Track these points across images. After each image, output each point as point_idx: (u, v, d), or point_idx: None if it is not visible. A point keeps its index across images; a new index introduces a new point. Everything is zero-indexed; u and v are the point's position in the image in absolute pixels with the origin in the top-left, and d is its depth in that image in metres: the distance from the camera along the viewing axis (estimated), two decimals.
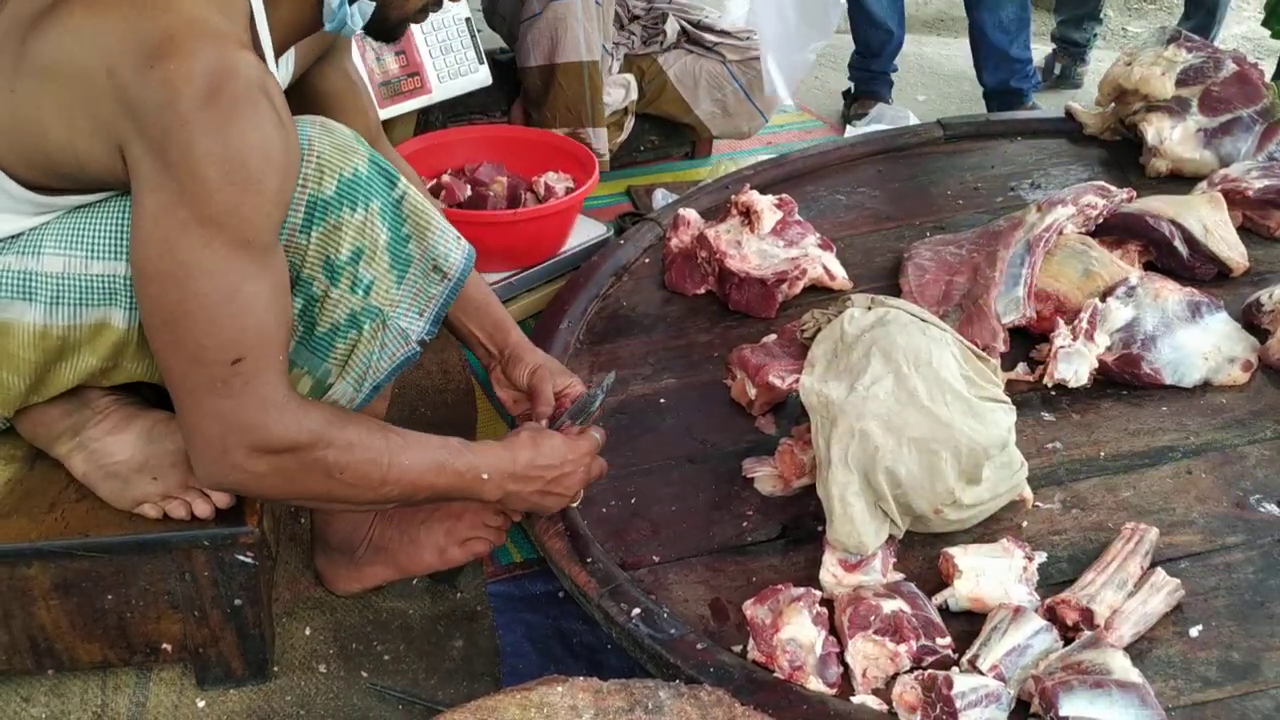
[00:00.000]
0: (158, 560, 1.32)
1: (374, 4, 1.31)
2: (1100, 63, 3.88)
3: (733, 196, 2.03)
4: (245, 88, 1.11)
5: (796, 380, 1.48)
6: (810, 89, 3.60)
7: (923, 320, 1.45)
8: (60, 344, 1.27)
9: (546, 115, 2.49)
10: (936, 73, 3.83)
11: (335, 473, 1.21)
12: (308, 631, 1.53)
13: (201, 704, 1.42)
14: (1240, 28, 4.51)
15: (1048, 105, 3.51)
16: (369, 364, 1.34)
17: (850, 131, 2.88)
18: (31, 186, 1.21)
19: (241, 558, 1.33)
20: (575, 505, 1.49)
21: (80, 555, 1.29)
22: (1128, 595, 1.30)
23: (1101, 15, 3.77)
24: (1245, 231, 2.01)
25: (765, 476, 1.57)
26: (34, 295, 1.24)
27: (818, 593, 1.33)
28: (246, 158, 1.11)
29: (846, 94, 3.40)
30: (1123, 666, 1.17)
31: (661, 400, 1.78)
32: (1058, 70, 3.73)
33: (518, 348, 1.62)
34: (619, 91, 2.66)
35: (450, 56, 2.30)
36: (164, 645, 1.38)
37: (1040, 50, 3.85)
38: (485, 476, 1.34)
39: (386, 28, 1.38)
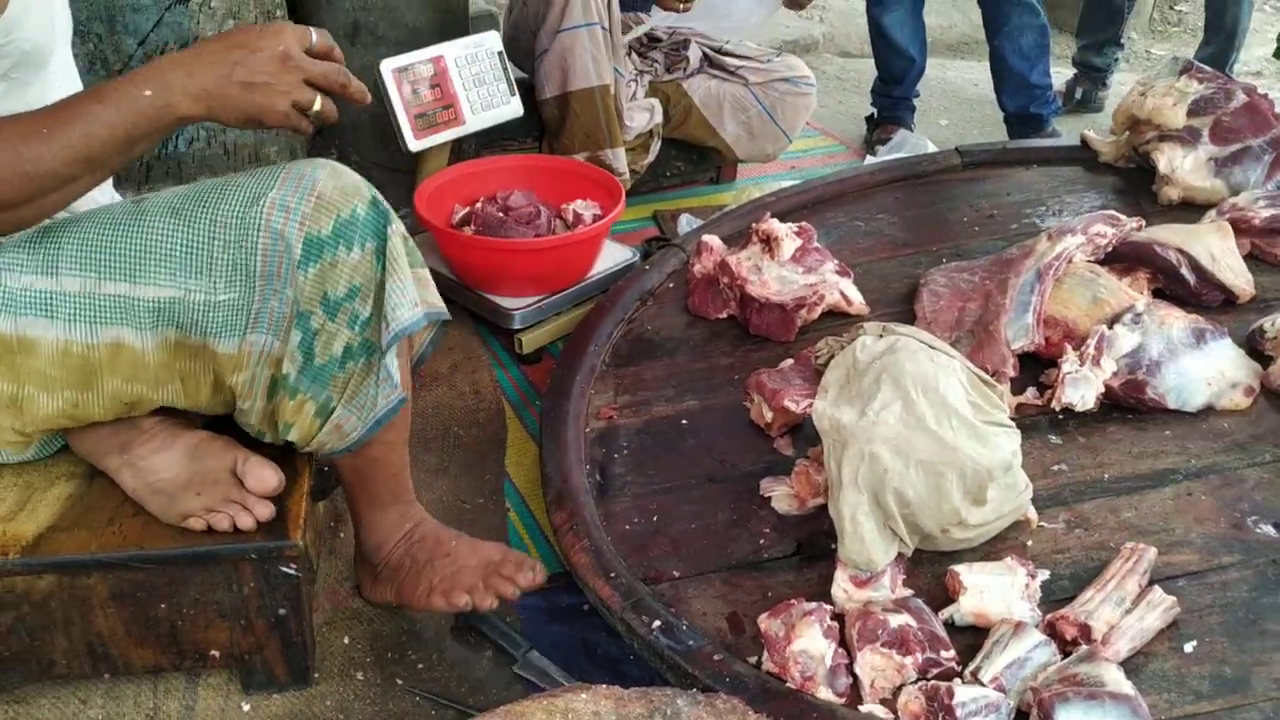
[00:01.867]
0: (207, 572, 1.41)
1: None
2: (1122, 85, 3.94)
3: (754, 225, 2.11)
4: None
5: (811, 404, 1.56)
6: (834, 113, 3.68)
7: (932, 348, 1.52)
8: (82, 363, 1.33)
9: (565, 142, 2.59)
10: (959, 97, 3.90)
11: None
12: (346, 640, 1.61)
13: (246, 708, 1.50)
14: (1262, 50, 4.54)
15: (1068, 129, 3.56)
16: (369, 398, 1.39)
17: (871, 159, 2.95)
18: None
19: (285, 569, 1.42)
20: (310, 127, 1.32)
21: (136, 566, 1.38)
22: (1125, 612, 1.36)
23: (1123, 40, 3.82)
24: (1253, 259, 2.07)
25: (782, 496, 1.64)
26: (54, 313, 1.30)
27: (829, 607, 1.40)
28: None
29: (869, 119, 3.47)
30: (1116, 679, 1.24)
31: (683, 421, 1.85)
32: (1079, 95, 3.78)
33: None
34: (643, 115, 2.74)
35: (484, 89, 2.39)
36: (212, 652, 1.46)
37: (1062, 74, 3.91)
38: (148, 93, 1.23)
39: None
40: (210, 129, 2.32)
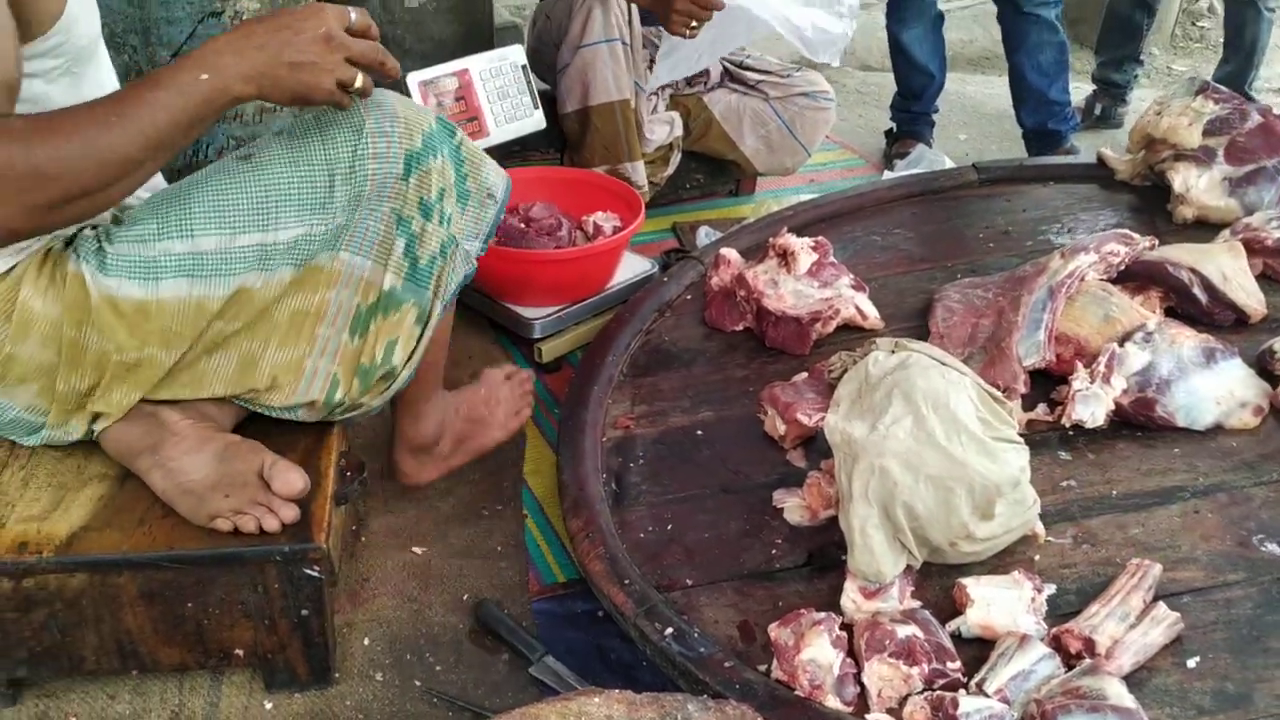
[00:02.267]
0: (234, 573, 1.45)
1: None
2: (1142, 102, 3.95)
3: (771, 239, 2.14)
4: None
5: (823, 418, 1.59)
6: (853, 127, 3.71)
7: (943, 364, 1.55)
8: (205, 314, 1.45)
9: (585, 156, 2.63)
10: (979, 111, 3.92)
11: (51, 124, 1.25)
12: (366, 642, 1.65)
13: (269, 706, 1.54)
14: None
15: (1087, 145, 3.58)
16: (450, 284, 1.61)
17: (888, 174, 2.97)
18: None
19: (309, 572, 1.46)
20: (350, 102, 1.42)
21: (165, 566, 1.42)
22: (1129, 627, 1.38)
23: (1142, 57, 3.83)
24: (1265, 279, 2.09)
25: (794, 507, 1.67)
26: (194, 272, 1.42)
27: (838, 617, 1.43)
28: None
29: (888, 133, 3.50)
30: (1118, 692, 1.26)
31: (699, 432, 1.88)
32: (1098, 110, 3.80)
33: None
34: (663, 128, 2.78)
35: (507, 102, 2.43)
36: (236, 650, 1.50)
37: (1082, 90, 3.92)
38: (204, 77, 1.31)
39: None
40: (239, 138, 2.37)
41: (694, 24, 2.53)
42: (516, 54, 2.49)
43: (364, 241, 1.51)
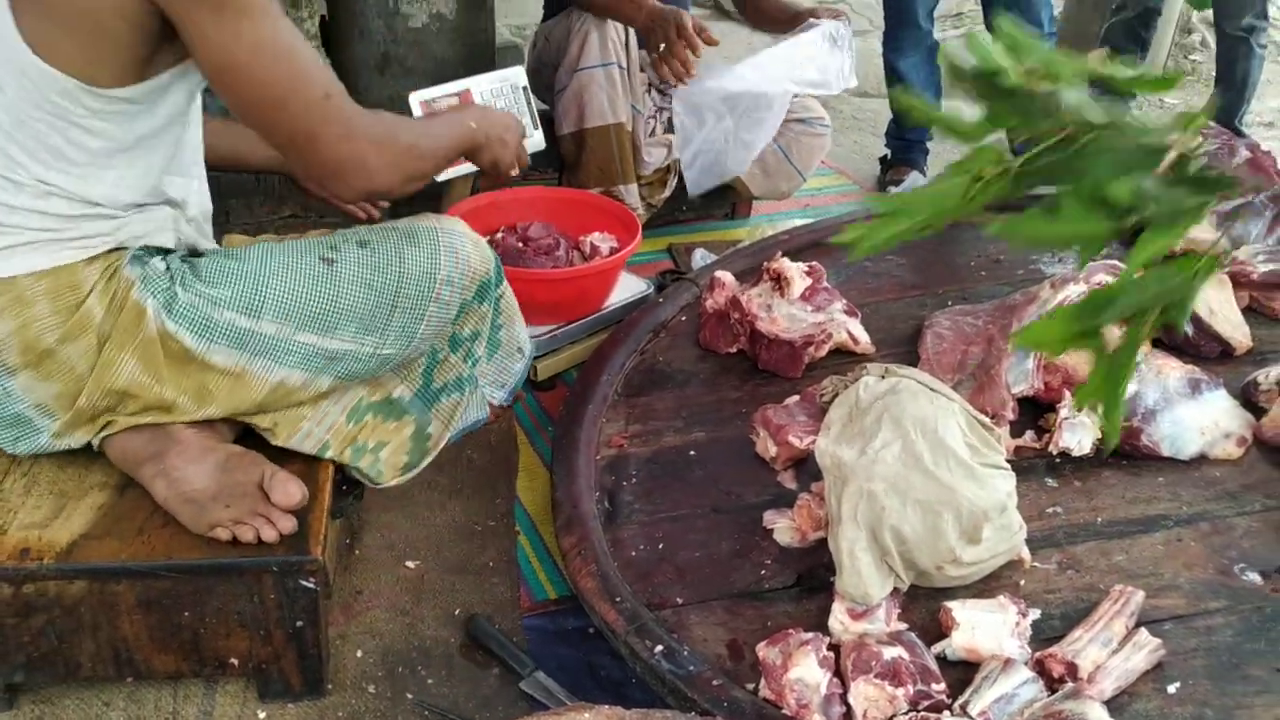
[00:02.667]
0: (230, 583, 1.47)
1: None
2: None
3: (765, 263, 2.17)
4: None
5: (814, 441, 1.61)
6: (849, 153, 3.75)
7: (932, 390, 1.58)
8: (243, 387, 1.54)
9: (581, 177, 2.67)
10: None
11: (411, 141, 1.55)
12: (359, 654, 1.67)
13: (262, 715, 1.56)
14: (1275, 101, 4.61)
15: None
16: (461, 421, 1.76)
17: None
18: (113, 84, 1.39)
19: (305, 583, 1.48)
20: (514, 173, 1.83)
21: (163, 575, 1.45)
22: (1112, 652, 1.41)
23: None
24: (1251, 312, 2.12)
25: (784, 528, 1.69)
26: (245, 346, 1.51)
27: (826, 638, 1.45)
28: None
29: (883, 160, 3.54)
30: (1099, 717, 1.28)
31: (691, 452, 1.91)
32: None
33: None
34: (660, 151, 2.81)
35: None
36: (231, 660, 1.52)
37: None
38: (473, 125, 1.70)
39: None
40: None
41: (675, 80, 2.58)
42: (517, 75, 2.52)
43: (402, 360, 1.67)
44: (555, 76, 2.66)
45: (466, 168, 2.40)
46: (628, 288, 2.46)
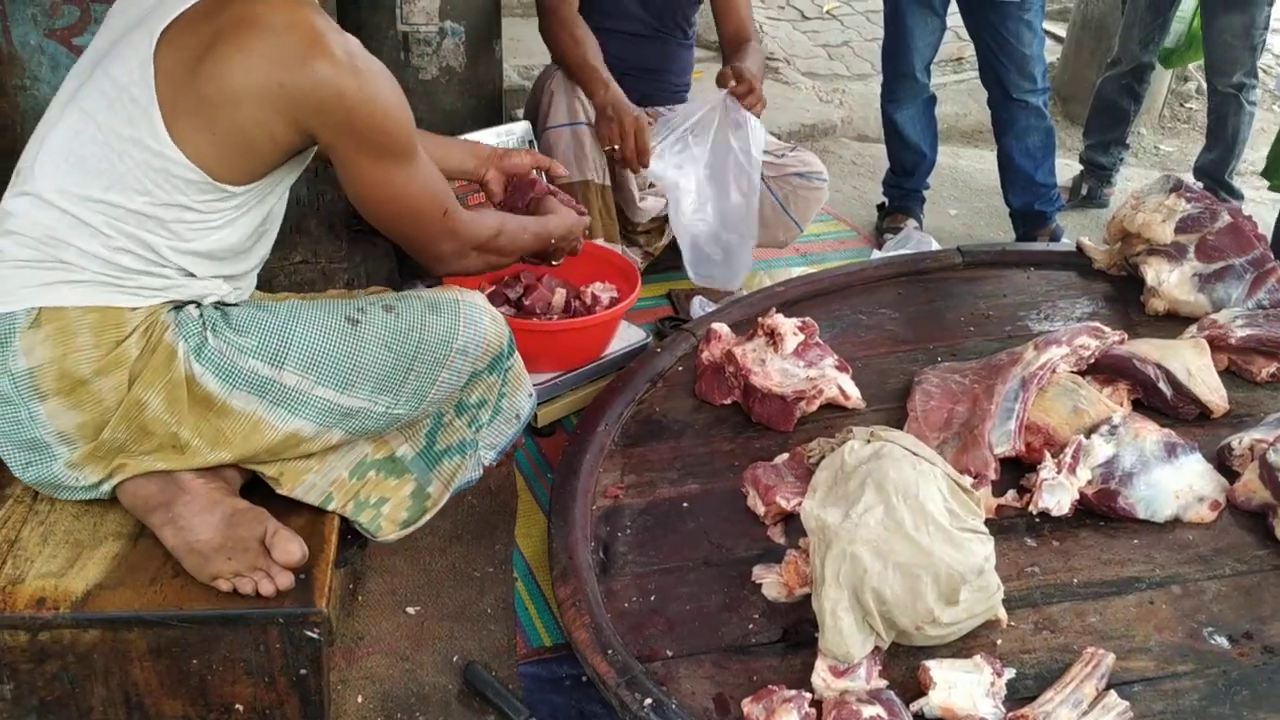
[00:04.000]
0: (238, 632, 1.53)
1: None
2: (1129, 181, 4.08)
3: (760, 318, 2.24)
4: (363, 53, 1.55)
5: (800, 503, 1.68)
6: (848, 199, 3.82)
7: (915, 454, 1.64)
8: (256, 434, 1.61)
9: None
10: (969, 186, 4.04)
11: (503, 243, 1.85)
12: (360, 699, 1.73)
13: None
14: (1266, 150, 4.68)
15: (1073, 224, 3.71)
16: (459, 482, 1.84)
17: (876, 254, 3.08)
18: (237, 182, 1.57)
19: (309, 633, 1.54)
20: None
21: (174, 625, 1.51)
22: (1082, 714, 1.46)
23: (1128, 141, 3.96)
24: (1231, 374, 2.19)
25: (772, 583, 1.75)
26: (265, 394, 1.60)
27: (808, 694, 1.51)
28: (398, 104, 1.59)
29: (880, 207, 3.61)
30: None
31: (684, 504, 1.97)
32: (1084, 191, 3.92)
33: (500, 151, 2.15)
34: (657, 201, 2.89)
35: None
36: (237, 705, 1.58)
37: (1071, 166, 4.05)
38: (554, 241, 1.99)
39: None
40: None
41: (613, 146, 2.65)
42: (524, 129, 2.61)
43: (408, 420, 1.75)
44: (536, 130, 2.74)
45: None
46: (627, 336, 2.53)
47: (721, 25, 2.92)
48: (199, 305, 1.61)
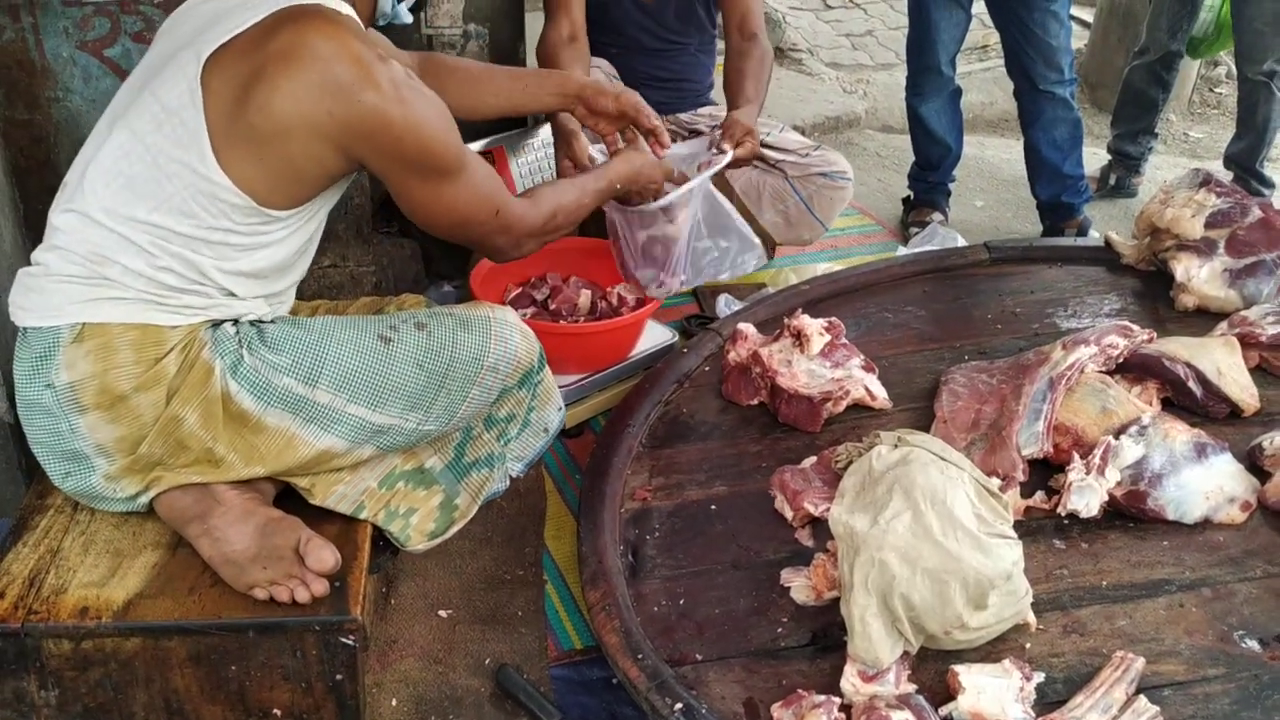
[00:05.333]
0: (275, 640, 1.56)
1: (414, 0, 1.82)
2: (1157, 170, 4.05)
3: (786, 319, 2.24)
4: (412, 81, 1.59)
5: (828, 509, 1.69)
6: (872, 192, 3.81)
7: (942, 459, 1.65)
8: (290, 451, 1.64)
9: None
10: (995, 177, 4.02)
11: (560, 221, 1.89)
12: (394, 703, 1.76)
13: None
14: None
15: (1102, 214, 3.69)
16: (487, 493, 1.87)
17: (902, 250, 3.08)
18: (283, 207, 1.60)
19: (345, 640, 1.57)
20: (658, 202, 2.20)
21: (213, 632, 1.54)
22: (1111, 719, 1.47)
23: (1157, 130, 3.92)
24: (1261, 372, 2.18)
25: (800, 586, 1.76)
26: (298, 412, 1.62)
27: (837, 699, 1.52)
28: (444, 127, 1.62)
29: (906, 200, 3.60)
30: None
31: (713, 507, 1.98)
32: (1113, 180, 3.89)
33: (589, 85, 2.13)
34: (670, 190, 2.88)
35: (537, 177, 2.57)
36: (274, 710, 1.61)
37: (1099, 154, 4.02)
38: (619, 186, 2.05)
39: (416, 10, 1.90)
40: None
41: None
42: (545, 133, 2.62)
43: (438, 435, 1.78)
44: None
45: None
46: (653, 336, 2.54)
47: (726, 13, 2.82)
48: (236, 323, 1.64)
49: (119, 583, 1.57)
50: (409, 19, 1.85)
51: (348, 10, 1.62)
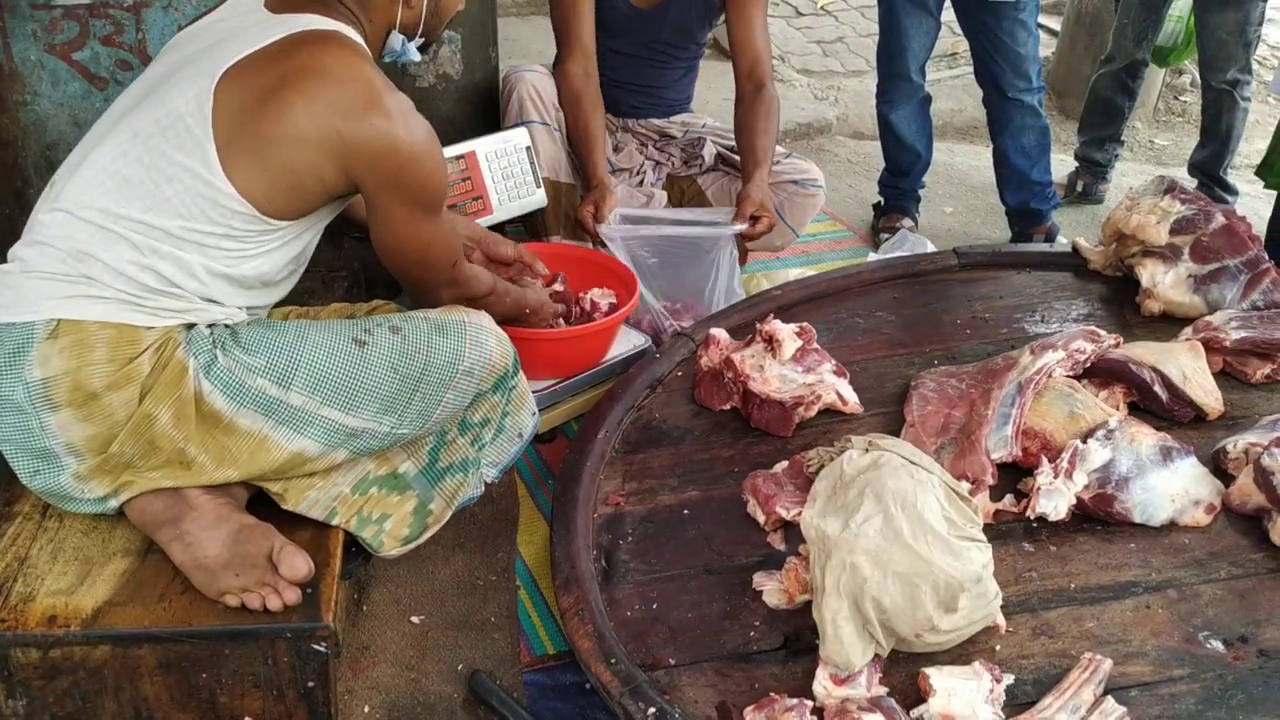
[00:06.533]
0: (246, 647, 1.55)
1: (422, 41, 1.85)
2: (1124, 177, 4.10)
3: (758, 324, 2.25)
4: (413, 111, 1.67)
5: (800, 512, 1.70)
6: (843, 198, 3.84)
7: (913, 463, 1.66)
8: (263, 452, 1.64)
9: (535, 227, 2.83)
10: (964, 183, 4.06)
11: (491, 303, 1.93)
12: (366, 709, 1.75)
13: None
14: (1262, 144, 4.69)
15: (1069, 220, 3.73)
16: (461, 499, 1.87)
17: (872, 255, 3.10)
18: (279, 217, 1.64)
19: (317, 647, 1.56)
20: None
21: (183, 640, 1.53)
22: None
23: (1123, 137, 3.97)
24: (1226, 376, 2.21)
25: (772, 590, 1.77)
26: (271, 414, 1.62)
27: (809, 703, 1.53)
28: (440, 163, 1.71)
29: (876, 206, 3.63)
30: None
31: (685, 511, 1.98)
32: (1080, 187, 3.94)
33: (488, 236, 2.26)
34: (641, 199, 2.90)
35: (511, 181, 2.56)
36: (246, 718, 1.60)
37: (1066, 162, 4.06)
38: (528, 311, 2.12)
39: (425, 50, 1.93)
40: None
41: None
42: (520, 136, 2.62)
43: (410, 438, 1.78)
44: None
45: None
46: (626, 341, 2.54)
47: (737, 58, 2.84)
48: (211, 326, 1.64)
49: (88, 590, 1.56)
50: (418, 58, 1.90)
51: (360, 40, 1.69)
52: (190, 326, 1.62)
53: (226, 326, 1.65)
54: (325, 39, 1.62)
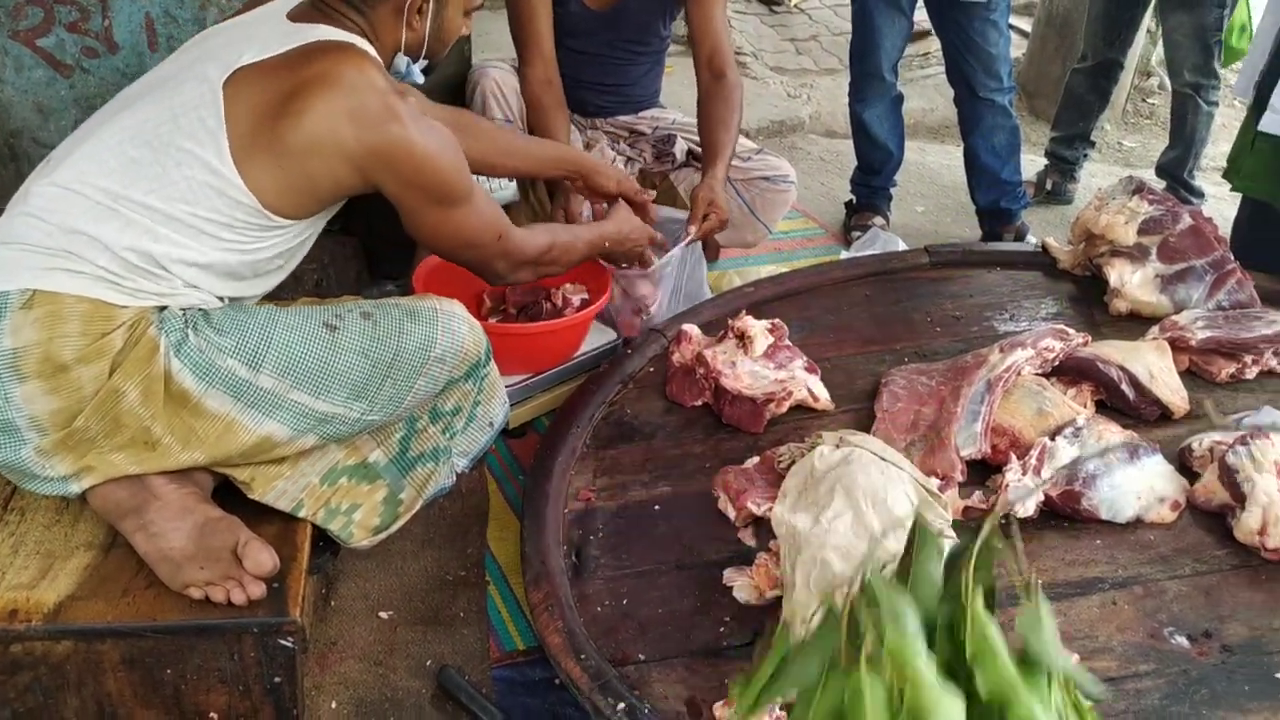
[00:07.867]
0: (212, 642, 1.53)
1: (427, 63, 1.88)
2: (1093, 178, 4.13)
3: (730, 320, 2.26)
4: (425, 117, 1.72)
5: (770, 508, 1.70)
6: (815, 196, 3.85)
7: (883, 459, 1.67)
8: (230, 436, 1.62)
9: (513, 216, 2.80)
10: (936, 182, 4.08)
11: (554, 255, 2.04)
12: (333, 705, 1.74)
13: None
14: (1228, 146, 4.75)
15: (1038, 220, 3.76)
16: (432, 489, 1.87)
17: (844, 253, 3.11)
18: (285, 215, 1.66)
19: (283, 642, 1.55)
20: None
21: (147, 635, 1.51)
22: None
23: (1093, 137, 4.00)
24: (1191, 375, 2.23)
25: (743, 586, 1.77)
26: (240, 396, 1.61)
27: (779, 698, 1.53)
28: (455, 158, 1.75)
29: (848, 204, 3.64)
30: None
31: (656, 507, 1.98)
32: (1049, 186, 3.96)
33: (589, 164, 2.39)
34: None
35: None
36: (211, 714, 1.59)
37: (1036, 161, 4.09)
38: (607, 244, 2.23)
39: (428, 72, 1.95)
40: None
41: None
42: None
43: (380, 425, 1.78)
44: None
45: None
46: (598, 337, 2.54)
47: (696, 48, 2.80)
48: (185, 309, 1.63)
49: (50, 585, 1.54)
50: (421, 79, 1.92)
51: (374, 52, 1.72)
52: (164, 308, 1.61)
53: (200, 310, 1.63)
54: (343, 49, 1.66)
